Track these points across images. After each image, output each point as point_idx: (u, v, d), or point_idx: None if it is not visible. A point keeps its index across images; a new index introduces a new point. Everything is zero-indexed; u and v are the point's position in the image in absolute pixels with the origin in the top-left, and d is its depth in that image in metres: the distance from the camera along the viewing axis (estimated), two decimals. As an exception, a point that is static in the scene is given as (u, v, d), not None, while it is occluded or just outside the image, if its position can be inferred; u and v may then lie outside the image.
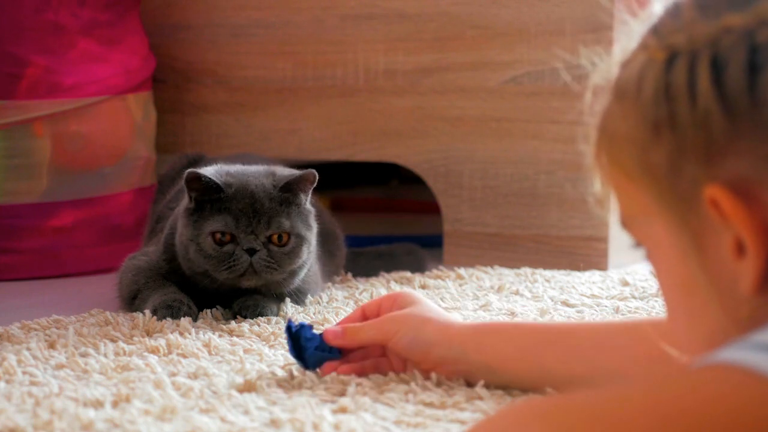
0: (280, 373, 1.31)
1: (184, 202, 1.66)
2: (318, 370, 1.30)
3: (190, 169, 1.63)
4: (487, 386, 1.25)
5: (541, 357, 1.19)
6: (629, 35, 0.81)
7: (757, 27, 0.75)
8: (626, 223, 0.84)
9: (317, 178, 1.66)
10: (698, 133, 0.75)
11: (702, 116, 0.75)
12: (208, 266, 1.63)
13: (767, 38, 0.74)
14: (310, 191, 1.68)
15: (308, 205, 1.68)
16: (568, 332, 1.21)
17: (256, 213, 1.62)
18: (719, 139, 0.75)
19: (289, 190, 1.65)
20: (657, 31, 0.79)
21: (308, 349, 1.29)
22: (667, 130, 0.77)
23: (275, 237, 1.63)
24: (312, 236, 1.67)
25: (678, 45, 0.77)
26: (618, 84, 0.81)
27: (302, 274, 1.69)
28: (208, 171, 1.64)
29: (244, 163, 1.73)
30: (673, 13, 0.79)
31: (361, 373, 1.28)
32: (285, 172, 1.68)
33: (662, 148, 0.77)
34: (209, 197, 1.63)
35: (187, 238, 1.64)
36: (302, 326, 1.30)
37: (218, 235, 1.61)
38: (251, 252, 1.61)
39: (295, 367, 1.33)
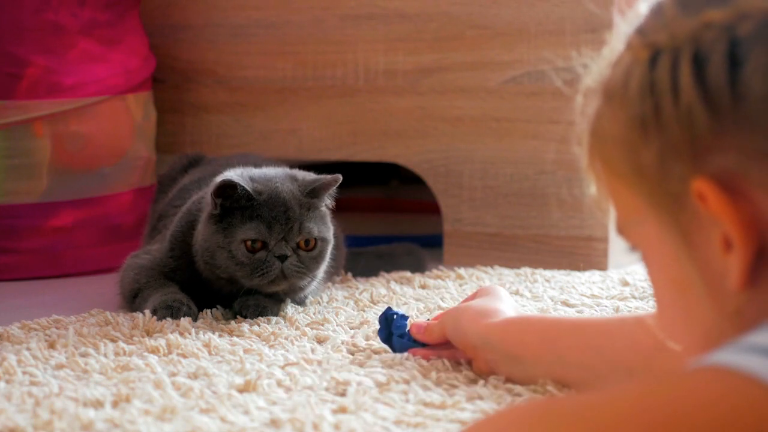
0: (280, 373, 1.31)
1: (207, 207, 1.65)
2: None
3: (224, 177, 1.62)
4: (487, 386, 1.25)
5: (556, 345, 1.25)
6: (617, 36, 0.82)
7: (738, 21, 0.75)
8: (621, 228, 0.84)
9: (340, 181, 1.67)
10: (683, 129, 0.75)
11: (685, 112, 0.75)
12: (238, 273, 1.62)
13: (747, 32, 0.74)
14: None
15: (325, 207, 1.69)
16: (581, 324, 1.28)
17: (288, 220, 1.62)
18: (703, 134, 0.75)
19: (315, 195, 1.66)
20: (641, 30, 0.80)
21: (394, 335, 1.41)
22: (653, 128, 0.77)
23: (302, 242, 1.64)
24: (331, 238, 1.69)
25: (660, 43, 0.77)
26: (606, 85, 0.81)
27: (320, 276, 1.70)
28: (235, 177, 1.63)
29: (255, 165, 1.73)
30: (655, 12, 0.79)
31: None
32: (307, 176, 1.69)
33: (651, 147, 0.77)
34: (238, 204, 1.63)
35: (216, 244, 1.63)
36: (396, 315, 1.41)
37: (250, 243, 1.62)
38: (282, 258, 1.62)
39: (295, 368, 1.33)
